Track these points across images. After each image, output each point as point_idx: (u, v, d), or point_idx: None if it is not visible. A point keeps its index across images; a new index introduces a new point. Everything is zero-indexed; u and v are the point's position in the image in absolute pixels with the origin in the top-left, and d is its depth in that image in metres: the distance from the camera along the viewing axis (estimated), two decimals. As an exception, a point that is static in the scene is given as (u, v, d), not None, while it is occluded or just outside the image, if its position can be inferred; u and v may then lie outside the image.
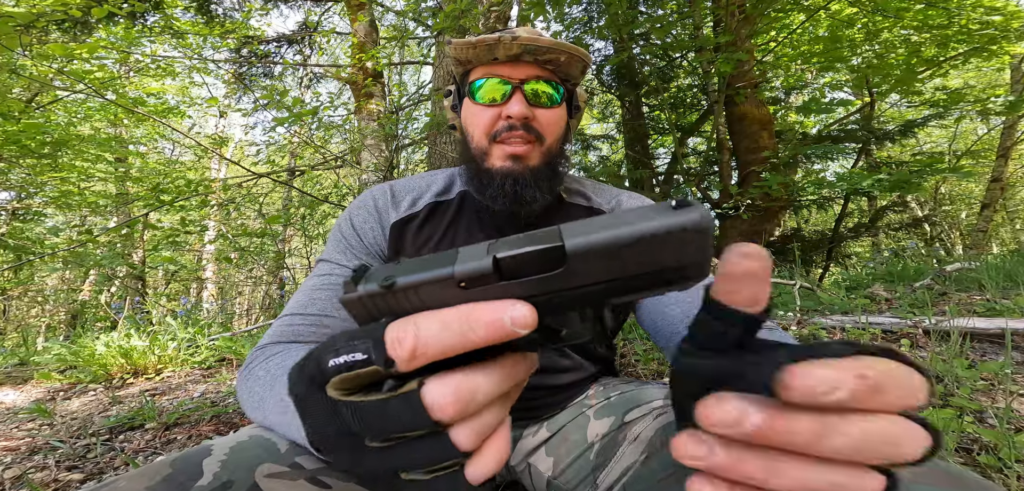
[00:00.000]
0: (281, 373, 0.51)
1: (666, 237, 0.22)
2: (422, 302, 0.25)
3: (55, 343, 3.00)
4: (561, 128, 0.71)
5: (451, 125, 0.79)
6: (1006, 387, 1.17)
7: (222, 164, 8.50)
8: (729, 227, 3.87)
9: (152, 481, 0.38)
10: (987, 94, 4.99)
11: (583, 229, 0.23)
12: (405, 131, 5.06)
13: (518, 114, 0.65)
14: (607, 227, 0.23)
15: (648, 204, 0.23)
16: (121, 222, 6.43)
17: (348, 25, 4.31)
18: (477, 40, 0.65)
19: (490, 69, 0.67)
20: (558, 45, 0.64)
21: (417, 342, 0.23)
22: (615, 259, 0.23)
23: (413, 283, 0.24)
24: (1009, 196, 9.55)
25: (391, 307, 0.26)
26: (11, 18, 2.60)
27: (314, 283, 0.67)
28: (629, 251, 0.22)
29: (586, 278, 0.23)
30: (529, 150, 0.67)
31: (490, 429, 0.26)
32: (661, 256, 0.23)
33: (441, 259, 0.25)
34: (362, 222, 0.72)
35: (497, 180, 0.67)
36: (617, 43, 4.56)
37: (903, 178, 3.09)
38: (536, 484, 0.68)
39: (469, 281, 0.24)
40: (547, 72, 0.68)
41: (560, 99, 0.69)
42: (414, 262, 0.26)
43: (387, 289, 0.25)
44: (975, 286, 2.30)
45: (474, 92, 0.68)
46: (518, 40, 0.63)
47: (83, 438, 1.41)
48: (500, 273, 0.24)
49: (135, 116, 5.81)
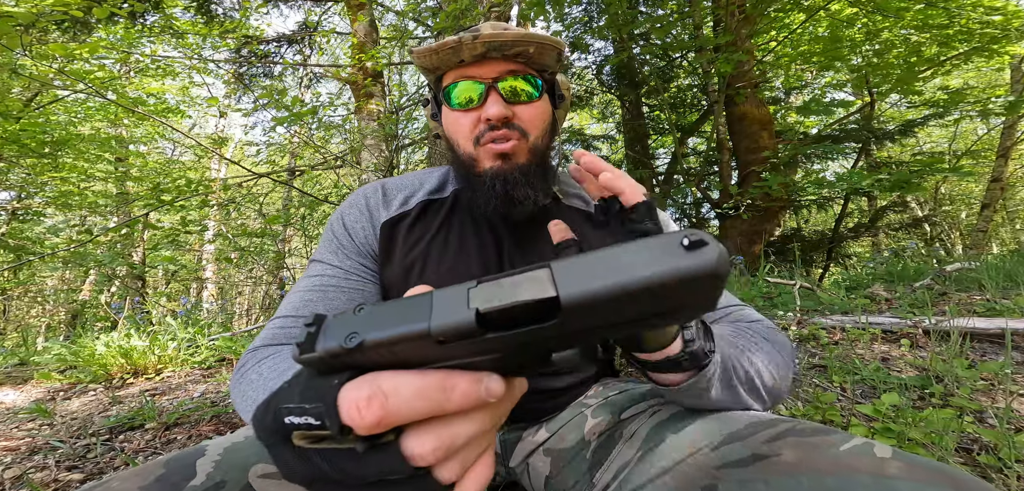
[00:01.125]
0: (273, 378, 0.51)
1: (677, 284, 0.19)
2: (395, 357, 0.23)
3: (55, 343, 3.00)
4: (545, 121, 0.69)
5: (436, 135, 0.76)
6: (1006, 387, 1.17)
7: (222, 164, 8.50)
8: (729, 227, 3.87)
9: (145, 481, 0.39)
10: (987, 94, 4.99)
11: (579, 271, 0.20)
12: (405, 131, 5.06)
13: (497, 115, 0.63)
14: (608, 272, 0.20)
15: (654, 240, 0.20)
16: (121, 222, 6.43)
17: (348, 25, 4.31)
18: (438, 45, 0.62)
19: (460, 72, 0.65)
20: (524, 35, 0.61)
21: (385, 412, 0.22)
22: (616, 307, 0.20)
23: (384, 340, 0.22)
24: (1009, 196, 9.55)
25: (358, 363, 0.23)
26: (11, 18, 2.60)
27: (306, 284, 0.67)
28: (633, 298, 0.19)
29: (581, 326, 0.21)
30: (515, 147, 0.65)
31: (473, 459, 0.26)
32: (669, 300, 0.20)
33: (414, 308, 0.22)
34: (353, 221, 0.71)
35: (487, 182, 0.65)
36: (617, 43, 4.56)
37: (903, 178, 3.10)
38: (534, 484, 0.68)
39: (448, 337, 0.21)
40: (520, 66, 0.65)
41: (539, 93, 0.66)
42: (382, 307, 0.23)
43: (352, 350, 0.22)
44: (975, 286, 2.30)
45: (449, 97, 0.66)
46: (480, 38, 0.60)
47: (83, 438, 1.41)
48: (486, 326, 0.21)
49: (135, 116, 5.81)
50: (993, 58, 4.28)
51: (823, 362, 1.47)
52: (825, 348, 1.61)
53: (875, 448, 0.38)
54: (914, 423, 0.97)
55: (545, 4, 3.34)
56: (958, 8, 3.64)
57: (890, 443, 0.94)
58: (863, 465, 0.36)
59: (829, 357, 1.47)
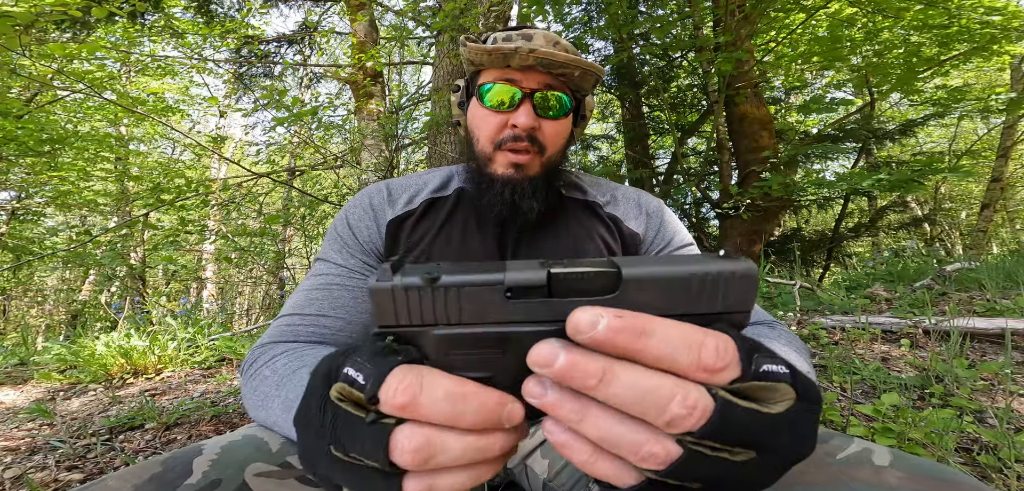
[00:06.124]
0: (288, 375, 0.51)
1: (717, 279, 0.24)
2: (460, 308, 0.24)
3: (55, 343, 3.00)
4: (564, 138, 0.72)
5: (456, 121, 0.79)
6: (1006, 387, 1.17)
7: (222, 164, 8.50)
8: (729, 227, 3.87)
9: (141, 479, 0.39)
10: (987, 93, 4.99)
11: (637, 262, 0.24)
12: (405, 131, 5.06)
13: (524, 125, 0.66)
14: (663, 263, 0.24)
15: (697, 253, 0.26)
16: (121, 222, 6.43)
17: (348, 25, 4.31)
18: (493, 48, 0.64)
19: (502, 73, 0.67)
20: (574, 60, 0.64)
21: (412, 398, 0.24)
22: (667, 293, 0.24)
23: (458, 283, 0.24)
24: (1009, 196, 9.54)
25: (425, 305, 0.25)
26: (11, 18, 2.60)
27: (311, 283, 0.67)
28: (682, 287, 0.24)
29: (635, 307, 0.23)
30: (530, 160, 0.68)
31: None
32: (710, 296, 0.24)
33: (490, 266, 0.25)
34: (357, 221, 0.72)
35: (497, 186, 0.67)
36: (617, 43, 4.55)
37: (903, 178, 3.09)
38: (532, 486, 0.68)
39: (517, 291, 0.24)
40: (559, 82, 0.68)
41: (567, 110, 0.69)
42: (459, 264, 0.26)
43: (431, 283, 0.24)
44: (975, 286, 2.30)
45: (483, 95, 0.68)
46: (535, 52, 0.63)
47: (83, 438, 1.41)
48: (551, 288, 0.24)
49: (135, 116, 5.81)
50: (993, 58, 4.28)
51: (823, 362, 1.47)
52: (825, 348, 1.61)
53: (874, 454, 0.38)
54: (914, 423, 0.97)
55: (545, 4, 3.34)
56: (958, 8, 3.63)
57: (890, 443, 0.94)
58: (862, 476, 0.36)
59: (829, 357, 1.47)
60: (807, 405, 0.24)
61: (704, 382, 0.23)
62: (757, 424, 0.23)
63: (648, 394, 0.22)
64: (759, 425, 0.23)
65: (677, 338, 0.23)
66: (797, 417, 0.24)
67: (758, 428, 0.23)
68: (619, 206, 0.77)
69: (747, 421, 0.23)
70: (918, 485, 0.34)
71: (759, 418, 0.23)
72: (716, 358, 0.23)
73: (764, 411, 0.23)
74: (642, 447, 0.23)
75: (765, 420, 0.23)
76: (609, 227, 0.75)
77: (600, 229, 0.74)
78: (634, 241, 0.75)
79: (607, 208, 0.77)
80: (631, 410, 0.23)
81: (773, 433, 0.23)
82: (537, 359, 0.23)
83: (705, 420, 0.22)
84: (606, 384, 0.23)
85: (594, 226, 0.75)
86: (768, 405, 0.24)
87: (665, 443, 0.23)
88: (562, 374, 0.23)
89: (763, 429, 0.23)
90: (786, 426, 0.24)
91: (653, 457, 0.23)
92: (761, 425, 0.23)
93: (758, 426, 0.23)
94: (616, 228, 0.75)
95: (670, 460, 0.23)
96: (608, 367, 0.23)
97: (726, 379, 0.23)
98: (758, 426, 0.23)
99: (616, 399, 0.23)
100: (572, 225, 0.74)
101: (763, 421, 0.23)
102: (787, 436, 0.24)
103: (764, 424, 0.23)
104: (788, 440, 0.24)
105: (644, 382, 0.22)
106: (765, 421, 0.23)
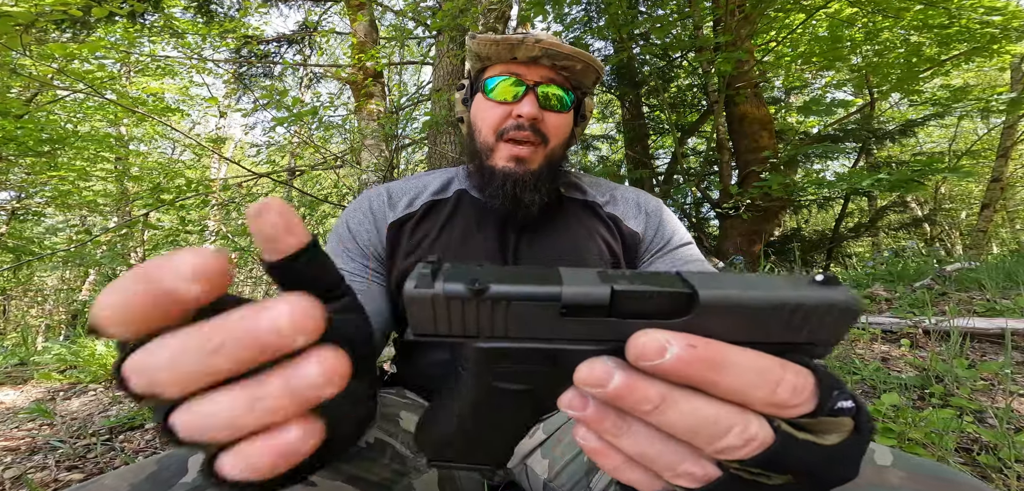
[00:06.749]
0: None
1: (810, 311, 0.20)
2: (507, 321, 0.22)
3: (55, 343, 3.00)
4: (566, 134, 0.73)
5: (458, 118, 0.80)
6: (1006, 387, 1.17)
7: (222, 164, 8.50)
8: (729, 227, 3.87)
9: (137, 478, 0.39)
10: (987, 94, 4.99)
11: (714, 281, 0.21)
12: (405, 131, 5.06)
13: (528, 114, 0.67)
14: (743, 286, 0.20)
15: (783, 276, 0.22)
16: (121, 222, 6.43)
17: (348, 25, 4.31)
18: (500, 38, 0.66)
19: (507, 67, 0.69)
20: (577, 53, 0.66)
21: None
22: (745, 321, 0.20)
23: (509, 294, 0.21)
24: (1009, 196, 9.54)
25: (468, 316, 0.22)
26: (11, 18, 2.60)
27: None
28: (764, 316, 0.20)
29: (708, 333, 0.21)
30: (532, 152, 0.68)
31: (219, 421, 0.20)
32: (796, 328, 0.21)
33: (542, 276, 0.22)
34: (357, 224, 0.72)
35: (498, 180, 0.68)
36: (617, 43, 4.56)
37: (903, 178, 3.09)
38: (533, 486, 0.68)
39: (575, 310, 0.21)
40: (561, 78, 0.69)
41: (569, 105, 0.71)
42: (505, 269, 0.22)
43: (476, 295, 0.21)
44: (975, 286, 2.30)
45: (488, 89, 0.69)
46: (540, 43, 0.65)
47: (83, 438, 1.41)
48: (613, 307, 0.21)
49: (135, 115, 5.81)
50: (993, 58, 4.28)
51: (823, 362, 1.47)
52: (825, 348, 1.61)
53: (875, 454, 0.38)
54: (914, 423, 0.97)
55: (545, 4, 3.34)
56: (958, 8, 3.63)
57: (890, 443, 0.94)
58: (864, 476, 0.36)
59: (829, 357, 1.47)
60: (861, 438, 0.23)
61: (770, 416, 0.21)
62: (810, 456, 0.22)
63: (705, 424, 0.21)
64: (812, 457, 0.22)
65: (753, 371, 0.21)
66: (850, 449, 0.22)
67: (811, 460, 0.22)
68: (619, 206, 0.78)
69: (801, 454, 0.22)
70: (920, 485, 0.34)
71: (814, 450, 0.22)
72: (792, 396, 0.21)
73: (820, 443, 0.22)
74: (679, 466, 0.22)
75: (820, 453, 0.22)
76: (609, 227, 0.76)
77: (600, 229, 0.75)
78: (634, 240, 0.75)
79: (607, 208, 0.77)
80: (680, 436, 0.22)
81: (825, 465, 0.22)
82: (588, 379, 0.21)
83: (760, 452, 0.21)
84: (661, 412, 0.21)
85: (594, 226, 0.75)
86: (824, 436, 0.22)
87: (705, 466, 0.22)
88: (616, 397, 0.21)
89: (816, 461, 0.22)
90: (839, 458, 0.22)
91: (689, 476, 0.22)
92: (814, 457, 0.22)
93: (811, 458, 0.22)
94: (616, 228, 0.76)
95: (706, 481, 0.22)
96: (668, 394, 0.21)
97: (796, 415, 0.21)
98: (811, 458, 0.22)
99: (668, 425, 0.21)
100: (572, 225, 0.74)
101: (817, 453, 0.22)
102: (838, 467, 0.22)
103: (817, 456, 0.22)
104: (837, 471, 0.23)
105: (704, 411, 0.21)
106: (819, 453, 0.22)
